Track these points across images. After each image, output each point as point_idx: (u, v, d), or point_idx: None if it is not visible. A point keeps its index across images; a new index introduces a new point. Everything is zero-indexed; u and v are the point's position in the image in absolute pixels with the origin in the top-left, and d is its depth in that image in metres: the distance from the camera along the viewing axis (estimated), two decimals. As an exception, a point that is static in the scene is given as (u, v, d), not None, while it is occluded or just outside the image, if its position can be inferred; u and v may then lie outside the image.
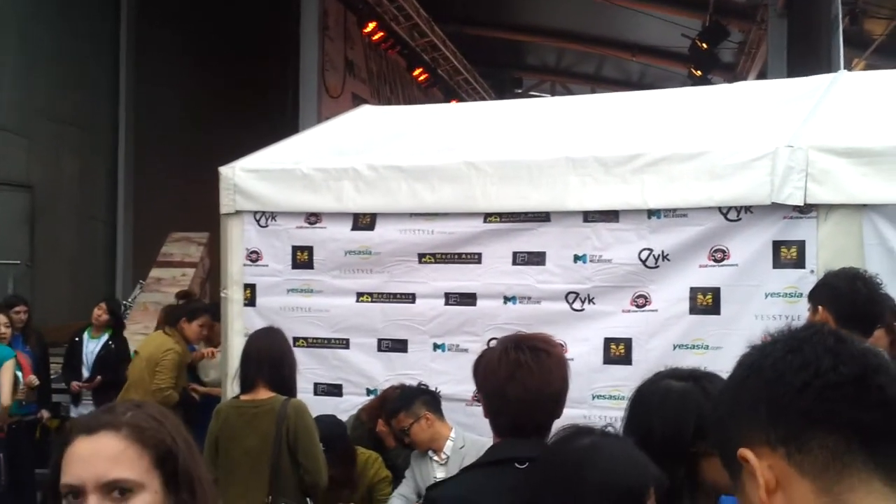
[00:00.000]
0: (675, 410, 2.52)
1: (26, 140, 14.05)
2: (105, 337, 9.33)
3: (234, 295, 6.26)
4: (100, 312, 9.40)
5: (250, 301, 6.21)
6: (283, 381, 5.06)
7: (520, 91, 30.21)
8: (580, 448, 2.23)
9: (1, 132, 13.47)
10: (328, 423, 5.43)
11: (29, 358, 8.53)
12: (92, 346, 9.29)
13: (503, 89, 29.13)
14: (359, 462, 5.51)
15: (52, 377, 9.51)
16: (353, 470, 5.41)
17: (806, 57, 13.29)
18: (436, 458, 5.22)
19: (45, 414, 9.01)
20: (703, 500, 2.51)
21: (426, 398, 5.35)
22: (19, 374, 7.84)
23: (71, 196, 15.33)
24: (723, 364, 5.03)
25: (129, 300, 11.66)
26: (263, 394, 4.99)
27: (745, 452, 1.32)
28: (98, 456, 1.72)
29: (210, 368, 8.21)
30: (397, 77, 23.13)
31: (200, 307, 8.59)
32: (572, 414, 3.22)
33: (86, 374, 9.19)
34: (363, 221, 5.92)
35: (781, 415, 1.30)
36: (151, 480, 1.74)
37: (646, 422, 2.54)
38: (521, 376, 2.79)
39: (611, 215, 5.33)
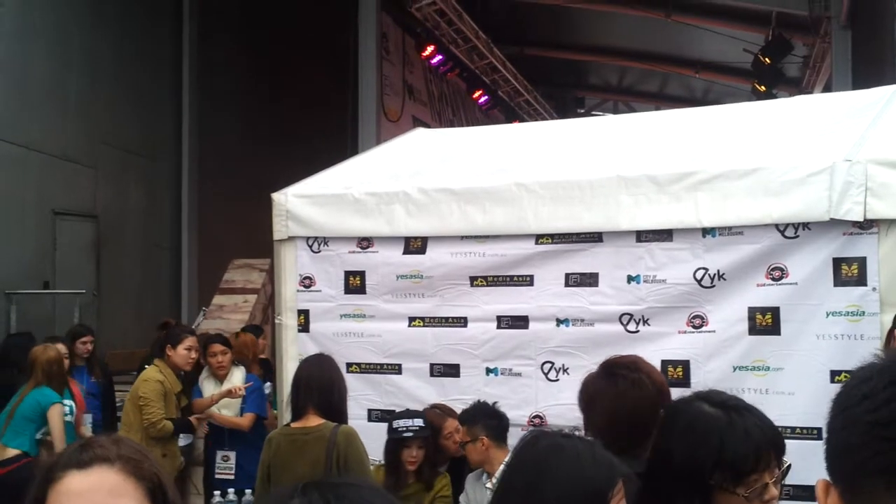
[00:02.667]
0: (699, 438, 2.43)
1: (92, 170, 14.32)
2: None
3: (288, 321, 6.26)
4: None
5: (304, 327, 6.20)
6: (333, 407, 5.05)
7: (582, 111, 30.09)
8: (541, 450, 2.23)
9: (68, 163, 13.75)
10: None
11: (84, 389, 8.54)
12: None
13: (565, 109, 29.09)
14: None
15: (118, 405, 9.50)
16: (434, 466, 5.45)
17: (871, 69, 13.02)
18: (489, 484, 5.15)
19: None
20: None
21: (491, 423, 5.24)
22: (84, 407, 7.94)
23: (136, 224, 15.60)
24: (784, 385, 4.89)
25: (193, 327, 11.73)
26: (313, 421, 4.99)
27: (819, 484, 1.25)
28: (97, 490, 1.66)
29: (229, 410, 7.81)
30: (459, 100, 23.18)
31: (183, 331, 8.27)
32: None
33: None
34: (414, 245, 5.88)
35: (835, 453, 1.22)
36: None
37: (667, 442, 2.50)
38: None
39: (664, 234, 5.22)
